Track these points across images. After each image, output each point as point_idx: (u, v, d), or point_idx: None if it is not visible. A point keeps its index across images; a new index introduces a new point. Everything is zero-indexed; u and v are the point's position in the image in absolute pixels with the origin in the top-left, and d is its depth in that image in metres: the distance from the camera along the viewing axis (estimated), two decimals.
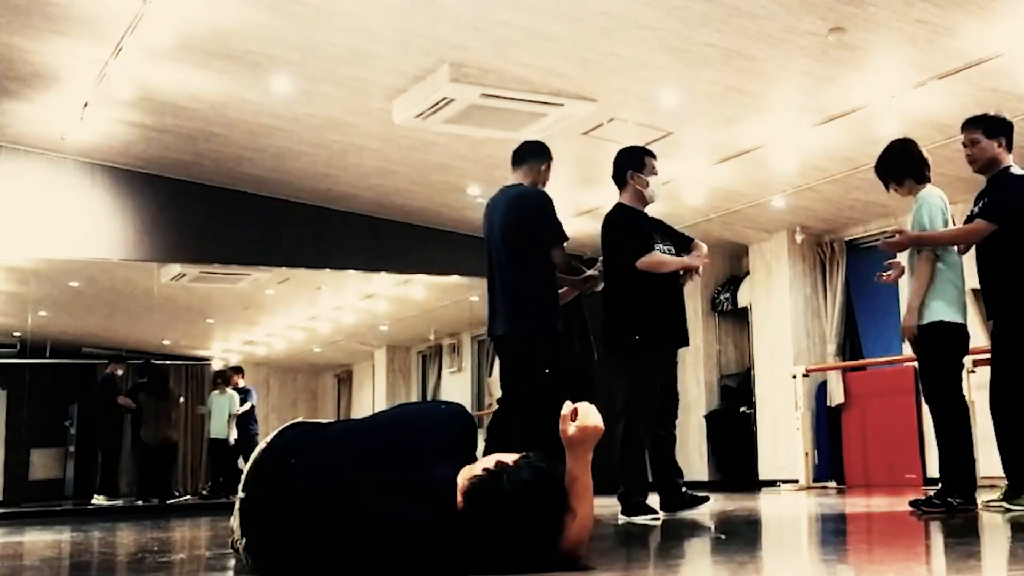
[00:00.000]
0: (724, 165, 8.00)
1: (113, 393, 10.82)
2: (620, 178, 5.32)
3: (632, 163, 5.28)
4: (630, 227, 5.19)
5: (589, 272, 5.44)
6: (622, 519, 4.94)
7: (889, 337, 9.03)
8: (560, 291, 5.37)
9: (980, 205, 4.94)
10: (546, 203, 5.10)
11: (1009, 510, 4.71)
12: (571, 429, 2.65)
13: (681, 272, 5.23)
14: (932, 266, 4.86)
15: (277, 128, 7.81)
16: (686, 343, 5.35)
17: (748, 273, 10.47)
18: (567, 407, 2.69)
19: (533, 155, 5.25)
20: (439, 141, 7.72)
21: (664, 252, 5.19)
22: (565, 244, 5.10)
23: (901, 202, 6.86)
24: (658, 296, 5.12)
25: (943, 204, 4.99)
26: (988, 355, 5.20)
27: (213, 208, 9.20)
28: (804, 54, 6.15)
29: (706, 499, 5.36)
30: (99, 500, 10.25)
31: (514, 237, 5.07)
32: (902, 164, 5.08)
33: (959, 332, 4.89)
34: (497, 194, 5.33)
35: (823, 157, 7.76)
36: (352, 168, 8.66)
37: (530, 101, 6.76)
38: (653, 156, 5.36)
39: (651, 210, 5.42)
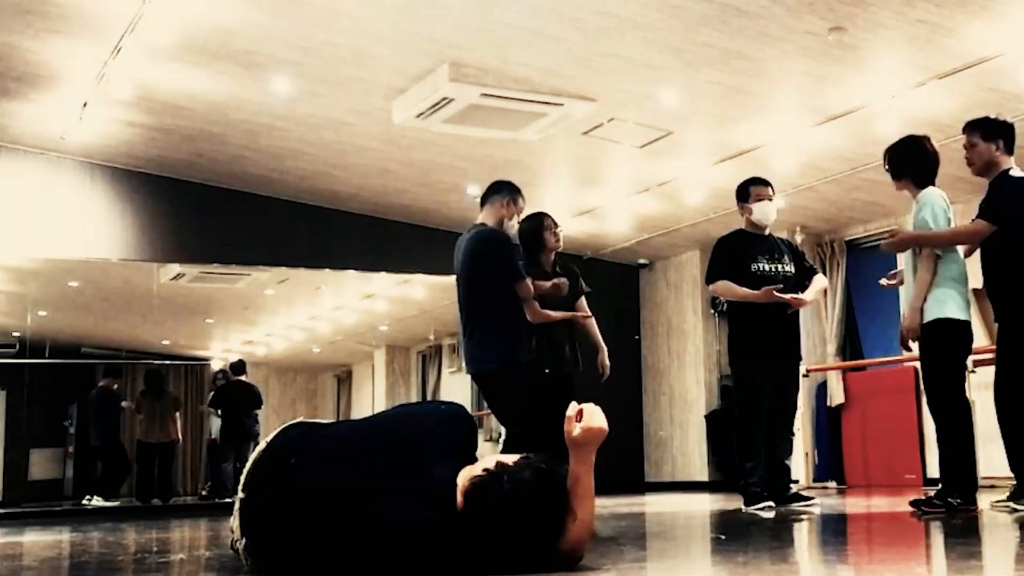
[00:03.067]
0: (724, 165, 7.99)
1: (111, 407, 10.81)
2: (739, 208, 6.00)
3: (740, 196, 5.92)
4: (716, 251, 5.86)
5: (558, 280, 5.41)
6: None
7: (889, 337, 8.99)
8: (555, 312, 5.51)
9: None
10: (501, 244, 5.12)
11: (1016, 510, 4.70)
12: (575, 430, 2.64)
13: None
14: (934, 266, 4.85)
15: (277, 128, 7.80)
16: (787, 353, 5.78)
17: None
18: (572, 408, 2.69)
19: (494, 192, 5.29)
20: (439, 141, 7.72)
21: (766, 271, 5.70)
22: (527, 279, 5.11)
23: (901, 202, 6.83)
24: (750, 310, 5.63)
25: (945, 204, 4.99)
26: (990, 355, 5.19)
27: (213, 208, 9.19)
28: (804, 54, 6.15)
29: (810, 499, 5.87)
30: (96, 501, 10.22)
31: (472, 277, 5.13)
32: (905, 161, 5.07)
33: (963, 329, 4.87)
34: (464, 234, 5.36)
35: (823, 157, 7.76)
36: (352, 168, 8.65)
37: (530, 101, 6.75)
38: (762, 184, 5.91)
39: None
